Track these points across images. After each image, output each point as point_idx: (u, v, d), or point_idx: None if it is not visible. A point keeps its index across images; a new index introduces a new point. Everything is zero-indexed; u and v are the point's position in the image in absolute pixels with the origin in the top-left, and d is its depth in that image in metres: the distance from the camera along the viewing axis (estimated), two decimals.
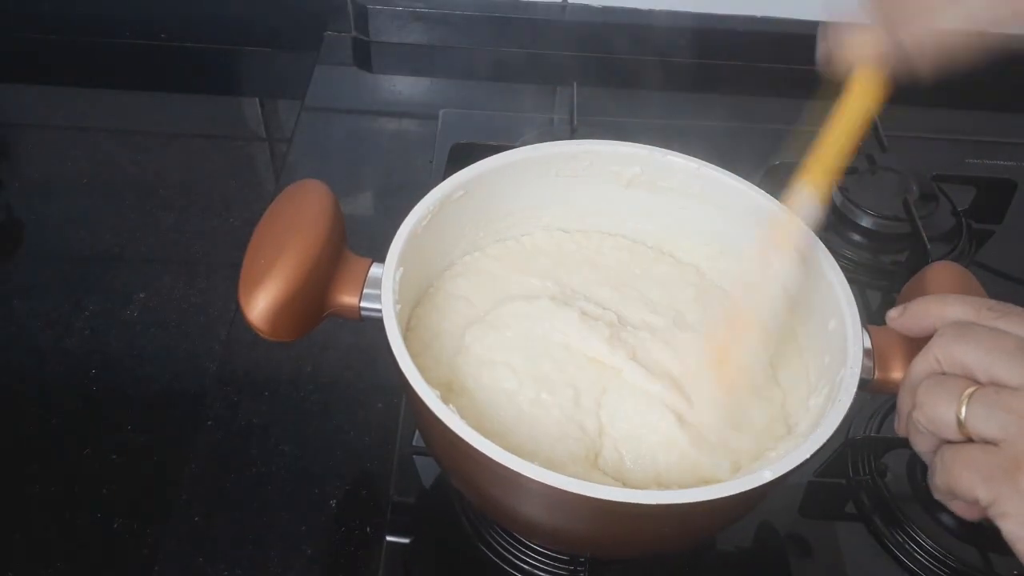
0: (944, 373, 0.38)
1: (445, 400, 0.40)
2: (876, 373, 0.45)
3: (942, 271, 0.48)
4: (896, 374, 0.45)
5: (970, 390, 0.36)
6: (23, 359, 0.63)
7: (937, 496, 0.39)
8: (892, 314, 0.45)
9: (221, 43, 0.92)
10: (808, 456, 0.40)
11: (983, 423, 0.35)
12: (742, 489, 0.38)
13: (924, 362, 0.39)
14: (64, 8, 0.89)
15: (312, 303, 0.46)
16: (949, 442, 0.37)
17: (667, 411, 0.46)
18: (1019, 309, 0.39)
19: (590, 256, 0.57)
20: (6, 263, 0.71)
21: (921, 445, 0.40)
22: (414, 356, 0.42)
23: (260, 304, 0.44)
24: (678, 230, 0.56)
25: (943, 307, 0.41)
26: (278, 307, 0.44)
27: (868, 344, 0.46)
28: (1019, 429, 0.34)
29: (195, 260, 0.70)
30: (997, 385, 0.36)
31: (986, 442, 0.36)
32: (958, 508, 0.39)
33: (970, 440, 0.36)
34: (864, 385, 0.44)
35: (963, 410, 0.36)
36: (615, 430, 0.47)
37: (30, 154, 0.82)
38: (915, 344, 0.42)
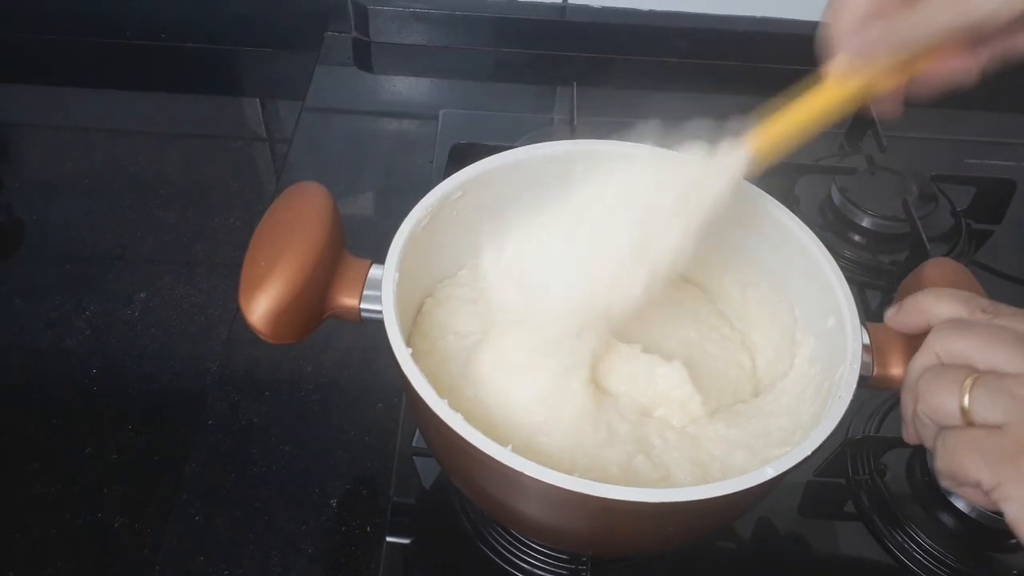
0: (944, 365, 0.39)
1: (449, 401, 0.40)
2: (875, 369, 0.45)
3: (939, 267, 0.48)
4: (895, 370, 0.45)
5: (972, 378, 0.36)
6: (23, 359, 0.63)
7: (941, 481, 0.38)
8: (888, 313, 0.45)
9: (221, 43, 0.92)
10: (810, 452, 0.40)
11: (988, 408, 0.35)
12: (744, 486, 0.38)
13: (924, 357, 0.39)
14: (64, 8, 0.89)
15: (312, 306, 0.46)
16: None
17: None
18: (1012, 308, 0.40)
19: (591, 256, 0.56)
20: (6, 263, 0.71)
21: (928, 439, 0.39)
22: (416, 357, 0.42)
23: (261, 308, 0.44)
24: None
25: (937, 303, 0.42)
26: (278, 310, 0.44)
27: (867, 341, 0.46)
28: (1023, 413, 0.34)
29: (195, 260, 0.70)
30: (997, 373, 0.36)
31: (989, 427, 0.35)
32: (967, 494, 0.38)
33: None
34: (864, 382, 0.44)
35: (966, 397, 0.36)
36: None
37: (30, 154, 0.82)
38: (913, 341, 0.42)
